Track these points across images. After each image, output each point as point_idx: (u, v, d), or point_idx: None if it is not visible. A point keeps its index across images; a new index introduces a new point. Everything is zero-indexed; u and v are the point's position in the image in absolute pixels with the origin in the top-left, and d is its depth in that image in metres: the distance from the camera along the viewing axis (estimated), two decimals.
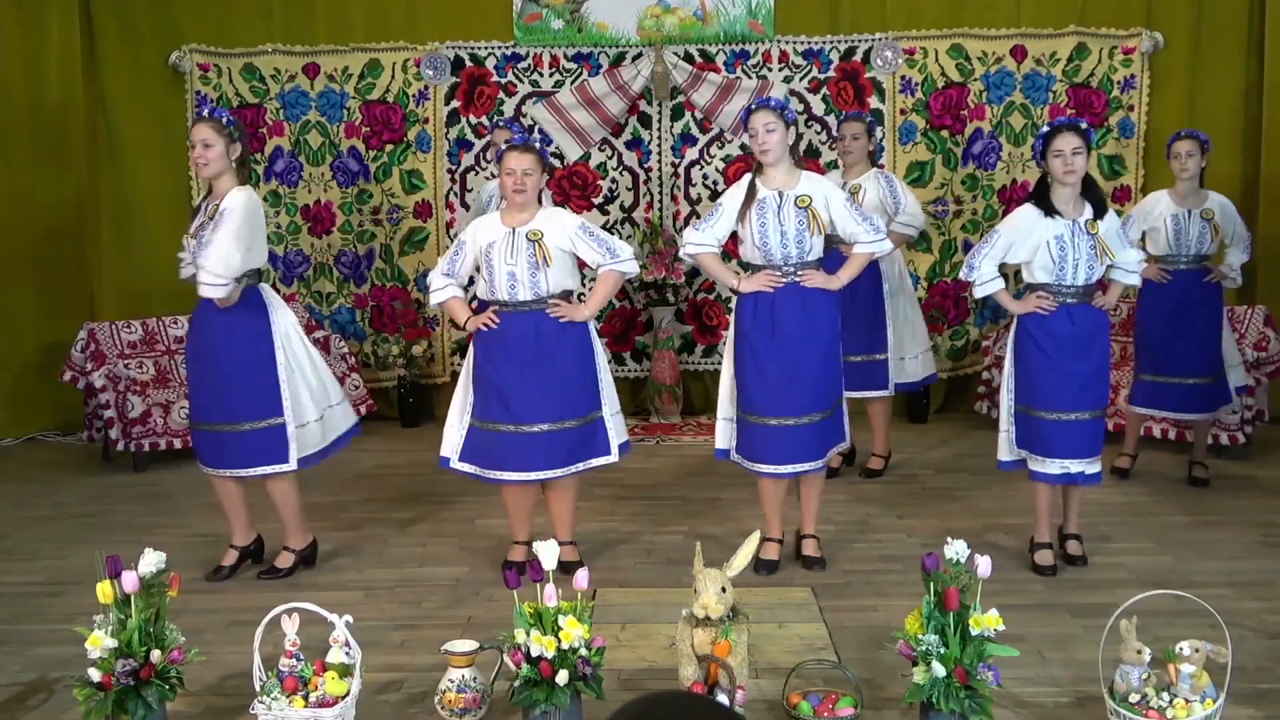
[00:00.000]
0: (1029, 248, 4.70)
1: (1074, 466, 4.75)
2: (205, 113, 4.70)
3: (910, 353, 6.33)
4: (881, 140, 7.63)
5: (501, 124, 6.73)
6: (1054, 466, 4.76)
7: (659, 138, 7.78)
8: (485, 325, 4.68)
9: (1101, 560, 4.97)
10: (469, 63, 7.76)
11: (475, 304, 5.05)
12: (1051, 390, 4.71)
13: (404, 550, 5.25)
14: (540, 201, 4.80)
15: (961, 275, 4.89)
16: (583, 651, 3.44)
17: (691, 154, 7.76)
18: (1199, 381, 5.88)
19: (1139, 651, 3.40)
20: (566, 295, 4.73)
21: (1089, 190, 4.73)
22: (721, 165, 7.76)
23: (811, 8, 7.66)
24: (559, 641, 3.42)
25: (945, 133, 7.64)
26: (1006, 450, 4.90)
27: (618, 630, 4.22)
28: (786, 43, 7.66)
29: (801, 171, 4.85)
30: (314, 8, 7.74)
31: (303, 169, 7.84)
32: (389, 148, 7.82)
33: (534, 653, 3.42)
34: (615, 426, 4.84)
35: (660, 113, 7.75)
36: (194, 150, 4.67)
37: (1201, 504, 5.75)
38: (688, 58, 7.67)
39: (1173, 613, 3.89)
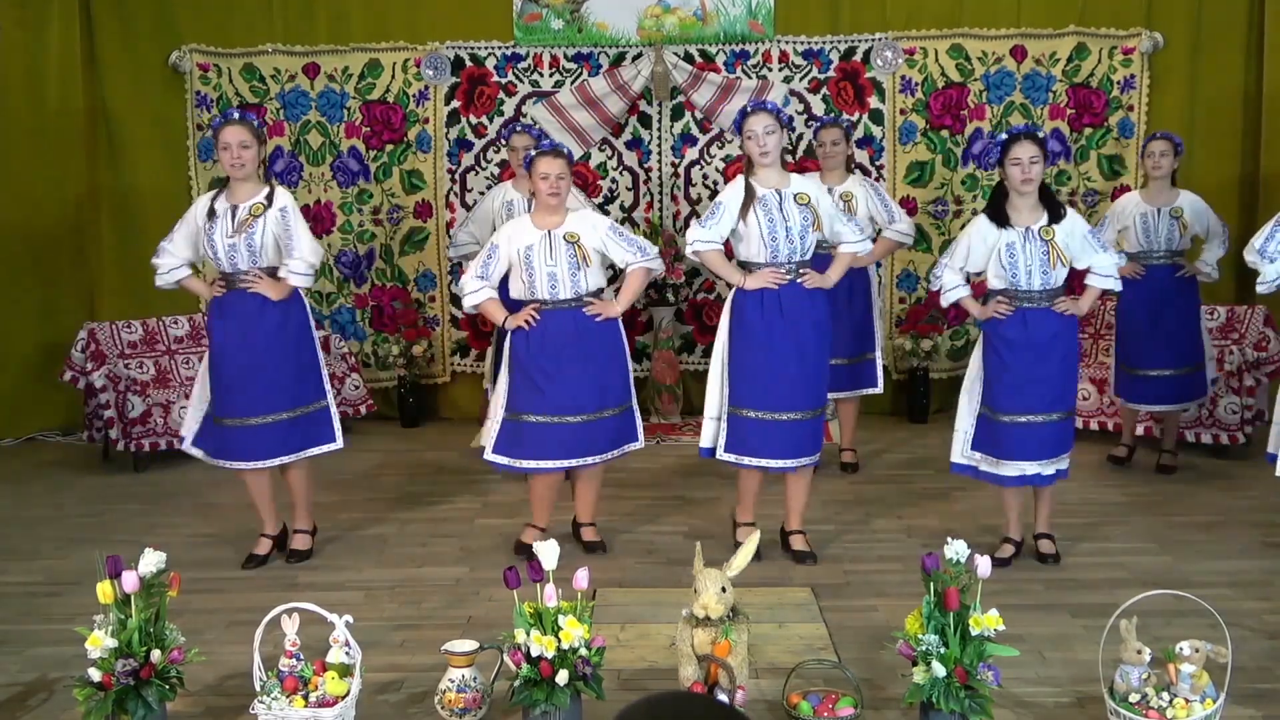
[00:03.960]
0: (982, 256, 4.84)
1: (1029, 469, 4.86)
2: (237, 115, 4.95)
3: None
4: (881, 142, 7.65)
5: (519, 129, 6.50)
6: (1011, 469, 4.86)
7: (659, 138, 7.78)
8: (527, 323, 4.89)
9: (1101, 560, 4.98)
10: (469, 63, 7.76)
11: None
12: (1009, 394, 4.81)
13: (404, 550, 5.26)
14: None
15: (930, 287, 5.07)
16: (583, 651, 3.44)
17: (691, 154, 7.76)
18: (1176, 373, 6.09)
19: (1139, 651, 3.40)
20: (598, 293, 4.98)
21: (1045, 197, 4.84)
22: (721, 165, 7.76)
23: (811, 8, 7.66)
24: (559, 641, 3.42)
25: (945, 133, 7.65)
26: (959, 452, 5.01)
27: (618, 630, 4.22)
28: (786, 43, 7.66)
29: (788, 172, 5.01)
30: (314, 8, 7.73)
31: (303, 169, 7.84)
32: (389, 148, 7.82)
33: (534, 653, 3.42)
34: (639, 416, 5.17)
35: (660, 113, 7.75)
36: (229, 151, 4.84)
37: (1201, 504, 5.75)
38: (688, 58, 7.67)
39: (1173, 613, 3.89)
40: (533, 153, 4.96)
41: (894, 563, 4.97)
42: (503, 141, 7.18)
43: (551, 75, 7.74)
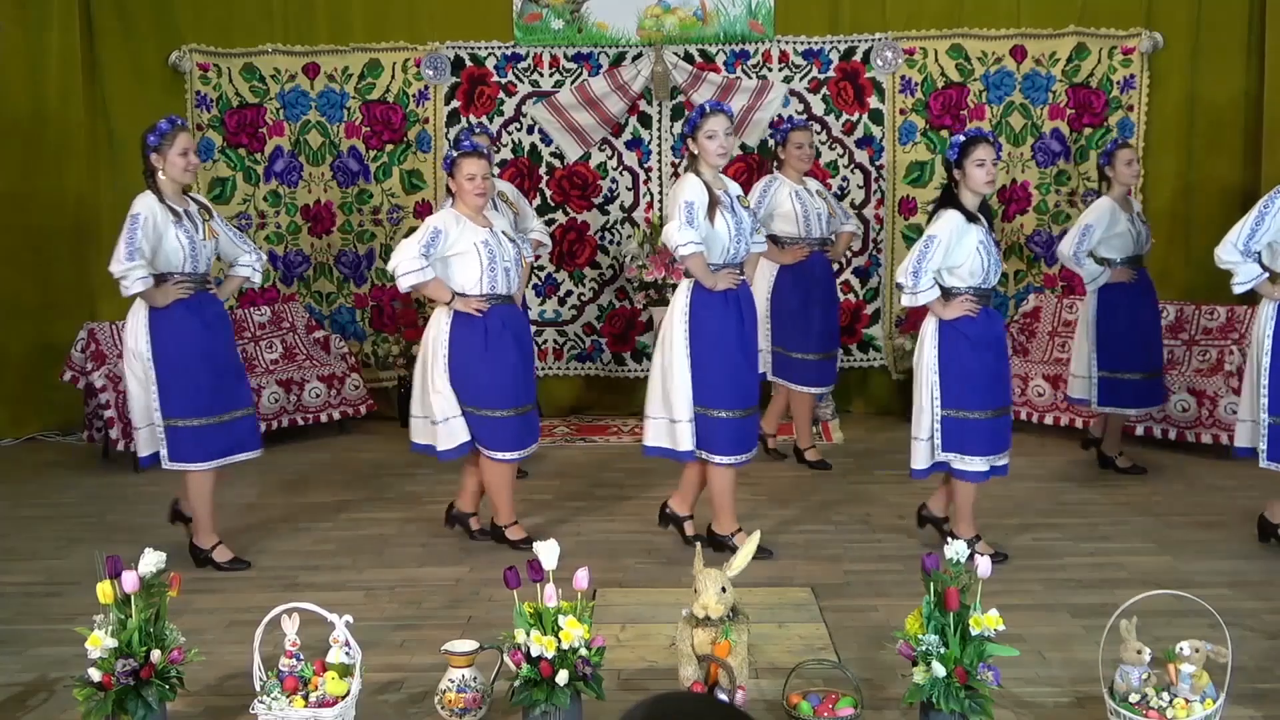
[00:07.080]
0: (963, 252, 4.74)
1: (998, 461, 4.90)
2: (180, 121, 4.93)
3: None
4: (881, 142, 7.65)
5: (479, 130, 6.78)
6: (982, 464, 4.87)
7: (659, 138, 7.79)
8: (477, 310, 5.03)
9: (1101, 560, 4.98)
10: (469, 63, 7.76)
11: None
12: (987, 390, 4.82)
13: (404, 550, 5.25)
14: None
15: (901, 282, 4.77)
16: (583, 651, 3.44)
17: None
18: (1147, 377, 6.19)
19: (1139, 651, 3.40)
20: None
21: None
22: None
23: (811, 8, 7.66)
24: (559, 641, 3.42)
25: (945, 133, 7.64)
26: (925, 458, 4.91)
27: (618, 630, 4.22)
28: (786, 43, 7.66)
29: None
30: (314, 8, 7.74)
31: (303, 169, 7.84)
32: (389, 148, 7.82)
33: (534, 653, 3.42)
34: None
35: (660, 113, 7.75)
36: (187, 158, 4.82)
37: (1201, 504, 5.75)
38: (688, 58, 7.67)
39: (1173, 613, 3.89)
40: (454, 154, 5.11)
41: (894, 563, 4.97)
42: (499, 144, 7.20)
43: (551, 75, 7.74)
